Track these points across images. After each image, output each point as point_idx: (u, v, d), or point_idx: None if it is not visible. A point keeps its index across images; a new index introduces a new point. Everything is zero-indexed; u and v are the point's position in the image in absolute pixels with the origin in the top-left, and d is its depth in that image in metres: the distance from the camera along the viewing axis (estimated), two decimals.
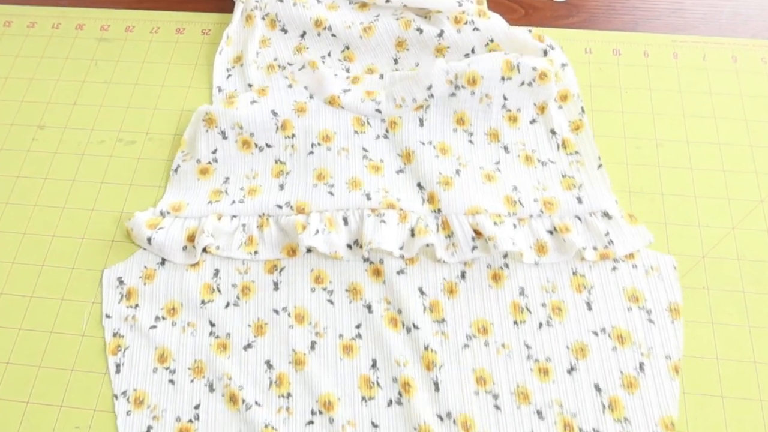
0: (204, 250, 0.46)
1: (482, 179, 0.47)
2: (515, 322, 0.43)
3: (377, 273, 0.45)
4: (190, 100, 0.55)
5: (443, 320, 0.43)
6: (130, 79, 0.57)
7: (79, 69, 0.58)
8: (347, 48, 0.56)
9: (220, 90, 0.55)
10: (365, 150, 0.49)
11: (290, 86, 0.51)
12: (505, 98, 0.49)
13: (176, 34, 0.60)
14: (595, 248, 0.45)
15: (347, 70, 0.55)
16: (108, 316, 0.45)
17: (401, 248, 0.44)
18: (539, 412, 0.40)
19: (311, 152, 0.49)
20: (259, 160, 0.50)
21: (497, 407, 0.41)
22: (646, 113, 0.52)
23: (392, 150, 0.49)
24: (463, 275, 0.45)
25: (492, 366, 0.42)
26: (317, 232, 0.45)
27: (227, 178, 0.49)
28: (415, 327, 0.43)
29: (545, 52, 0.52)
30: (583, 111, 0.51)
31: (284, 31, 0.57)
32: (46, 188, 0.52)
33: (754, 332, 0.43)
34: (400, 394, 0.41)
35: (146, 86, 0.57)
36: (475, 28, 0.53)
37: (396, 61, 0.55)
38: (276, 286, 0.45)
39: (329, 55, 0.56)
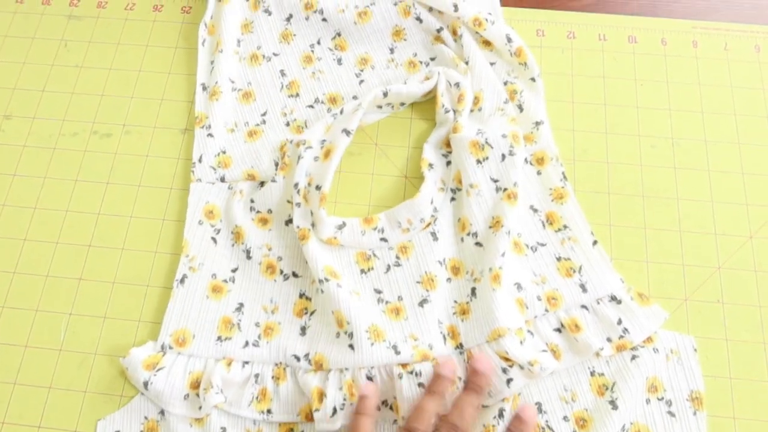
0: None
1: (491, 284, 0.41)
2: None
3: None
4: (170, 88, 0.51)
5: None
6: (103, 63, 0.52)
7: (47, 51, 0.53)
8: (338, 35, 0.51)
9: (204, 88, 0.49)
10: (378, 292, 0.42)
11: (299, 205, 0.44)
12: (494, 180, 0.43)
13: (153, 11, 0.54)
14: (609, 339, 0.40)
15: (338, 60, 0.50)
16: None
17: None
18: None
19: (320, 290, 0.41)
20: (282, 290, 0.43)
21: None
22: (662, 109, 0.49)
23: (409, 279, 0.42)
24: (501, 414, 0.39)
25: None
26: (335, 411, 0.38)
27: (241, 305, 0.42)
28: None
29: (505, 101, 0.47)
30: (564, 177, 0.45)
31: (268, 12, 0.52)
32: (15, 186, 0.48)
33: None
34: None
35: (122, 71, 0.52)
36: (461, 45, 0.49)
37: (392, 51, 0.50)
38: None
39: (318, 42, 0.51)
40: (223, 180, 0.46)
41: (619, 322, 0.40)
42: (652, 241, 0.44)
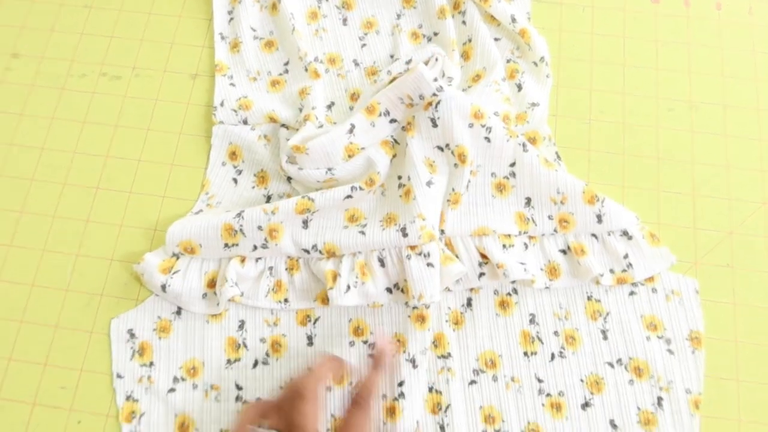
0: None
1: (492, 191, 0.42)
2: (525, 354, 0.40)
3: (422, 319, 0.39)
4: (181, 32, 0.50)
5: (449, 355, 0.40)
6: (113, 4, 0.51)
7: None
8: None
9: (222, 37, 0.49)
10: (400, 178, 0.42)
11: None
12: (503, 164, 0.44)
13: None
14: (612, 271, 0.41)
15: (344, 20, 0.49)
16: (120, 376, 0.40)
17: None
18: None
19: (349, 196, 0.41)
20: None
21: None
22: (682, 71, 0.48)
23: (416, 159, 0.42)
24: (469, 303, 0.41)
25: (501, 403, 0.39)
26: (348, 288, 0.39)
27: (241, 212, 0.41)
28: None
29: (503, 79, 0.46)
30: (558, 157, 0.45)
31: None
32: (22, 126, 0.47)
33: None
34: None
35: (132, 13, 0.51)
36: (463, 22, 0.48)
37: (399, 17, 0.49)
38: (310, 340, 0.40)
39: None
40: (245, 122, 0.46)
41: (626, 256, 0.41)
42: (665, 204, 0.44)
